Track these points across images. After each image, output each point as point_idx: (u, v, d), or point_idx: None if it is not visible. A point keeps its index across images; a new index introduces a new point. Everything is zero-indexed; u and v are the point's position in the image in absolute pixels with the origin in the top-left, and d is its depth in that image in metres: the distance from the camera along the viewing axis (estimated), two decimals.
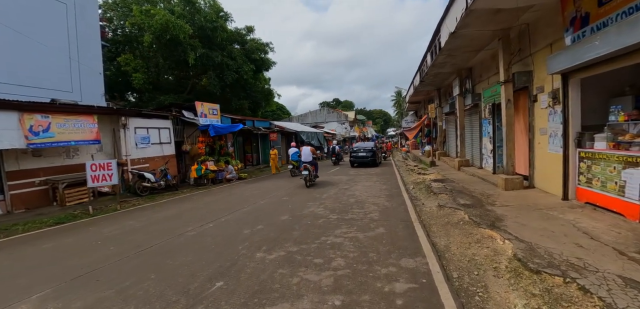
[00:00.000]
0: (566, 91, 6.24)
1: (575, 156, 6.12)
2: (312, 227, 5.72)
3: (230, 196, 10.21)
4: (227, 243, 5.07)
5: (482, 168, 11.63)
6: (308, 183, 11.26)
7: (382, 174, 14.31)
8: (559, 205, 6.07)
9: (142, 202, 10.02)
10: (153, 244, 5.29)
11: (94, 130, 10.25)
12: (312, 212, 6.94)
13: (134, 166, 11.80)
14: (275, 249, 4.62)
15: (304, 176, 11.26)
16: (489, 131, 10.76)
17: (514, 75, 7.75)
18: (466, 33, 7.91)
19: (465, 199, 7.19)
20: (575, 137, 6.14)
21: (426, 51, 12.35)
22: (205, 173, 13.67)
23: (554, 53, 6.32)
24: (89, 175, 8.68)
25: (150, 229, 6.42)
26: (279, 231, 5.61)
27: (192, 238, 5.49)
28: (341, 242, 4.76)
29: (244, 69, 22.60)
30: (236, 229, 5.88)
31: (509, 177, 7.72)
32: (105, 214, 8.38)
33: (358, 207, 7.25)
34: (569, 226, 4.88)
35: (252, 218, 6.70)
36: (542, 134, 7.28)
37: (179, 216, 7.45)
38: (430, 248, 4.40)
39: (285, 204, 8.13)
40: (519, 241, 4.35)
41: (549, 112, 6.90)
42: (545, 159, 7.18)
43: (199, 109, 14.75)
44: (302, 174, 11.37)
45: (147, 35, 19.24)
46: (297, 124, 35.41)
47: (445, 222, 5.71)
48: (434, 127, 19.47)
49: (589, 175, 5.76)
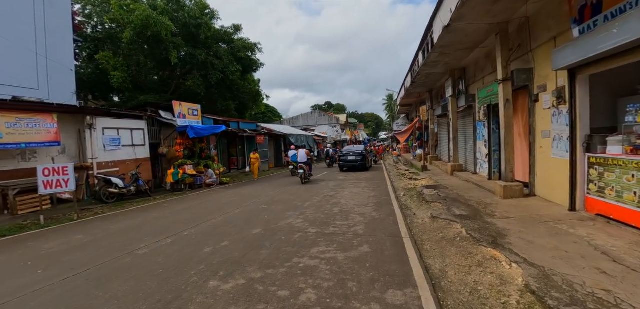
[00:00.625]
0: (573, 89, 5.57)
1: (584, 162, 5.44)
2: (285, 244, 4.89)
3: (204, 204, 9.29)
4: (179, 265, 4.20)
5: (476, 173, 10.98)
6: (303, 180, 13.10)
7: (371, 179, 13.56)
8: (567, 217, 5.38)
9: (106, 211, 9.03)
10: (91, 267, 4.38)
11: (52, 130, 9.23)
12: (289, 225, 6.10)
13: (102, 170, 10.77)
14: (234, 275, 3.77)
15: (300, 174, 13.15)
16: (484, 134, 10.11)
17: (513, 73, 7.09)
18: (461, 27, 7.23)
19: (460, 209, 6.46)
20: (583, 140, 5.47)
21: (418, 49, 11.70)
22: (182, 178, 12.71)
23: (559, 47, 5.65)
24: (41, 181, 7.69)
25: (99, 245, 5.49)
26: (245, 248, 4.76)
27: (141, 259, 4.60)
28: (316, 265, 3.94)
29: (230, 69, 21.65)
30: (197, 246, 5.01)
31: (508, 185, 7.03)
32: (57, 225, 7.39)
33: (342, 219, 6.45)
34: (583, 244, 4.17)
35: (220, 232, 5.82)
36: (544, 138, 6.61)
37: (138, 229, 6.53)
38: (423, 274, 3.62)
39: (262, 214, 7.27)
40: (528, 264, 3.60)
41: (553, 113, 6.24)
42: (548, 164, 6.51)
43: (177, 109, 13.80)
44: (299, 173, 13.25)
45: (126, 32, 18.19)
46: (287, 127, 34.57)
47: (440, 237, 4.94)
48: (426, 131, 18.86)
49: (601, 183, 5.08)
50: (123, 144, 11.76)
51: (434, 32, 8.53)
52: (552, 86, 6.16)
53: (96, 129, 10.80)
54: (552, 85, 6.17)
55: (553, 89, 6.11)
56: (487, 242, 4.41)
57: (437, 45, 8.64)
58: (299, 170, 13.20)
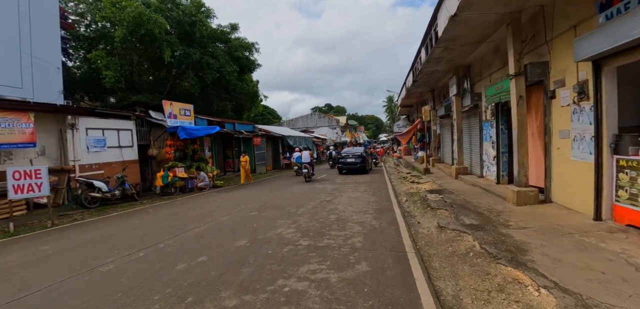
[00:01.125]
0: (598, 82, 4.94)
1: (612, 165, 4.80)
2: (271, 260, 4.24)
3: (191, 210, 8.64)
4: (142, 288, 3.55)
5: (482, 177, 10.33)
6: (307, 179, 14.52)
7: (371, 183, 12.91)
8: (592, 228, 4.73)
9: (86, 217, 8.40)
10: (43, 287, 3.74)
11: (27, 131, 8.60)
12: (278, 235, 5.45)
13: (84, 173, 10.13)
14: (204, 302, 3.13)
15: (304, 173, 14.62)
16: (492, 135, 9.48)
17: (527, 67, 6.46)
18: (468, 17, 6.61)
19: (470, 217, 5.81)
20: (611, 140, 4.83)
21: (420, 45, 11.09)
22: (172, 181, 12.06)
23: (581, 35, 5.02)
24: (11, 184, 7.06)
25: (62, 258, 4.85)
26: (224, 265, 4.11)
27: (102, 277, 3.96)
28: (304, 290, 3.29)
29: (226, 68, 21.03)
30: (170, 262, 4.36)
31: (521, 190, 6.38)
32: (27, 234, 6.75)
33: (338, 228, 5.80)
34: (620, 262, 3.52)
35: (200, 244, 5.18)
36: (562, 138, 5.97)
37: (112, 238, 5.88)
38: (433, 302, 2.97)
39: (251, 222, 6.62)
40: (560, 291, 2.96)
41: (573, 110, 5.60)
42: (567, 168, 5.86)
43: (167, 108, 13.18)
44: (303, 172, 14.76)
45: (118, 30, 17.60)
46: (285, 128, 33.94)
47: (450, 252, 4.29)
48: (428, 132, 18.22)
49: (633, 190, 4.43)
50: (109, 146, 11.12)
51: (438, 25, 7.92)
52: (572, 80, 5.53)
53: (79, 129, 10.16)
54: (572, 79, 5.54)
55: (573, 83, 5.48)
56: (506, 259, 3.76)
57: (441, 39, 8.02)
58: (303, 169, 14.73)
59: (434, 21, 8.46)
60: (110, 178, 10.51)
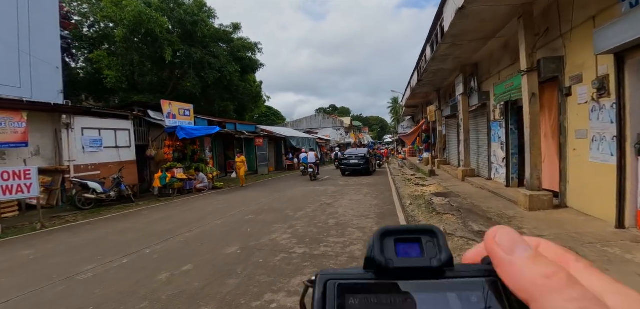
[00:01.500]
0: (621, 77, 4.51)
1: (637, 168, 4.36)
2: (261, 270, 3.89)
3: (186, 212, 8.35)
4: (117, 301, 3.23)
5: (491, 179, 9.88)
6: (312, 178, 15.29)
7: (375, 185, 12.51)
8: (615, 236, 4.29)
9: (79, 219, 8.15)
10: (12, 298, 3.44)
11: (20, 130, 8.40)
12: (272, 242, 5.10)
13: (80, 174, 9.91)
14: None
15: (310, 172, 15.51)
16: (501, 136, 9.04)
17: (540, 63, 6.03)
18: (477, 10, 6.21)
19: (479, 223, 5.40)
20: (636, 141, 4.39)
21: (425, 43, 10.68)
22: (170, 182, 11.80)
23: (601, 26, 4.60)
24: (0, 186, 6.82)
25: (42, 264, 4.56)
26: (210, 275, 3.77)
27: (78, 287, 3.65)
28: (293, 307, 2.93)
29: (228, 68, 20.82)
30: (152, 271, 4.04)
31: (534, 194, 5.95)
32: (15, 237, 6.51)
33: (337, 234, 5.43)
34: None
35: (188, 250, 4.85)
36: (579, 138, 5.54)
37: (98, 243, 5.59)
38: None
39: (245, 226, 6.28)
40: None
41: (591, 108, 5.17)
42: (585, 170, 5.43)
43: (166, 108, 12.94)
44: (309, 171, 15.68)
45: (119, 30, 17.48)
46: (289, 130, 33.66)
47: None
48: (433, 133, 17.76)
49: None
50: (106, 146, 10.91)
51: (444, 19, 7.52)
52: (591, 76, 5.10)
53: (74, 129, 9.95)
54: (591, 74, 5.11)
55: (592, 79, 5.05)
56: None
57: (448, 34, 7.63)
58: (309, 169, 15.69)
59: (440, 16, 8.06)
60: (106, 179, 10.28)
